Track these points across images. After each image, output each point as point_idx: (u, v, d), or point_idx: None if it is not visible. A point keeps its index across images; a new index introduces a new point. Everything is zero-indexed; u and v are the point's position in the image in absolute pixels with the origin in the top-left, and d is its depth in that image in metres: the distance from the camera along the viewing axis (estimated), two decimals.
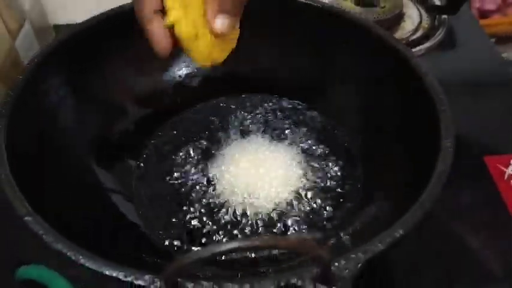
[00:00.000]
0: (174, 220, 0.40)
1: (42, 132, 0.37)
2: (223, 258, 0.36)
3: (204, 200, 0.41)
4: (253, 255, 0.36)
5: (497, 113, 0.54)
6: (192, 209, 0.40)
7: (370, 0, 0.65)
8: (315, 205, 0.40)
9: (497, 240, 0.42)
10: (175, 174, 0.43)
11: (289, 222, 0.39)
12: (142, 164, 0.44)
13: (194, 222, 0.39)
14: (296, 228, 0.39)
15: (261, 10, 0.46)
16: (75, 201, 0.35)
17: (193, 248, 0.37)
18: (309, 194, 0.41)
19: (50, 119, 0.38)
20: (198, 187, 0.42)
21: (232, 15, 0.32)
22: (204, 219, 0.39)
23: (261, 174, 0.42)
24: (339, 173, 0.43)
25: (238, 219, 0.39)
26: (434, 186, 0.30)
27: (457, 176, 0.47)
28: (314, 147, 0.45)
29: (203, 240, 0.38)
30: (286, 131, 0.46)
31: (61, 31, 0.63)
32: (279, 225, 0.39)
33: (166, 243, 0.38)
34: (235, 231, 0.39)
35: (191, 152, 0.44)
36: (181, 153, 0.44)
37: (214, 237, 0.38)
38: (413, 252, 0.40)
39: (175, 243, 0.38)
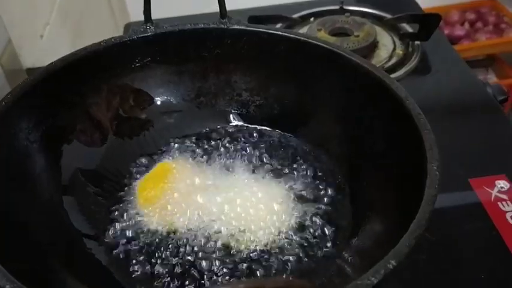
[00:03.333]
0: (157, 262, 0.38)
1: (12, 179, 0.35)
2: None
3: (189, 238, 0.39)
4: None
5: (476, 135, 0.54)
6: (177, 247, 0.38)
7: (344, 30, 0.66)
8: (307, 238, 0.39)
9: (490, 263, 0.41)
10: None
11: (284, 257, 0.38)
12: (120, 205, 0.42)
13: (178, 260, 0.38)
14: (291, 262, 0.37)
15: (239, 44, 0.46)
16: (45, 249, 0.33)
17: None
18: (298, 227, 0.40)
19: (20, 163, 0.37)
20: (182, 224, 0.40)
21: None
22: (189, 257, 0.38)
23: (249, 209, 0.41)
24: (328, 202, 0.42)
25: (228, 254, 0.38)
26: (423, 212, 0.29)
27: (443, 199, 0.47)
28: (301, 177, 0.44)
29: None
30: (271, 162, 0.45)
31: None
32: (273, 260, 0.37)
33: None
34: (225, 270, 0.37)
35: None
36: None
37: (200, 278, 0.36)
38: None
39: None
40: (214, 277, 0.37)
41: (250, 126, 0.48)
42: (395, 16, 0.68)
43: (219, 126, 0.48)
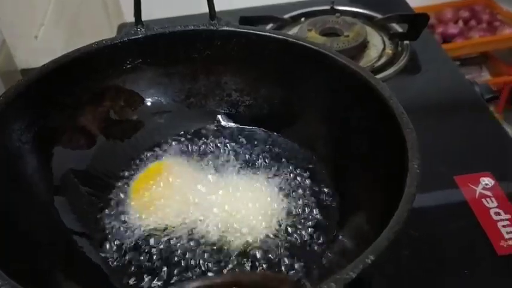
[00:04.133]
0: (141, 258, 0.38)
1: (3, 179, 0.36)
2: None
3: (180, 236, 0.40)
4: None
5: (463, 133, 0.55)
6: (169, 245, 0.39)
7: (334, 30, 0.67)
8: (294, 234, 0.40)
9: (474, 259, 0.42)
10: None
11: (272, 253, 0.38)
12: (112, 205, 0.42)
13: (170, 258, 0.38)
14: (279, 258, 0.38)
15: (229, 45, 0.47)
16: (36, 249, 0.33)
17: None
18: (286, 225, 0.40)
19: (12, 164, 0.37)
20: (174, 223, 0.41)
21: None
22: (181, 255, 0.38)
23: (239, 207, 0.42)
24: (315, 202, 0.42)
25: (219, 251, 0.39)
26: (402, 209, 0.30)
27: (429, 196, 0.48)
28: (289, 177, 0.45)
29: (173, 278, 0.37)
30: (259, 162, 0.46)
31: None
32: (262, 256, 0.38)
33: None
34: (216, 267, 0.38)
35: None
36: None
37: (185, 275, 0.37)
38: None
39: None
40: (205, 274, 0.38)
41: (239, 126, 0.49)
42: (385, 16, 0.69)
43: (209, 126, 0.49)
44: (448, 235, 0.44)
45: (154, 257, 0.38)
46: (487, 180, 0.48)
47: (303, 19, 0.72)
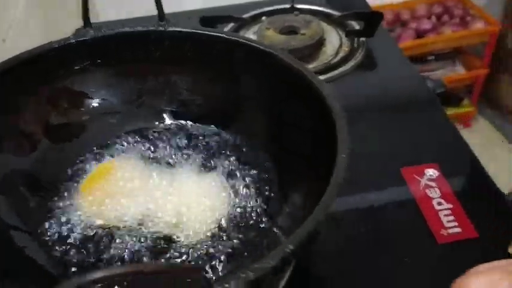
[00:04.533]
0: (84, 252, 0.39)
1: None
2: None
3: (129, 234, 0.41)
4: None
5: (415, 127, 0.56)
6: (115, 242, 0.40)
7: (292, 28, 0.68)
8: (240, 226, 0.41)
9: (415, 247, 0.44)
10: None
11: (220, 244, 0.40)
12: (61, 206, 0.43)
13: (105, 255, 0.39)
14: (227, 248, 0.39)
15: (177, 46, 0.48)
16: None
17: None
18: (235, 217, 0.42)
19: None
20: (122, 220, 0.42)
21: None
22: (129, 252, 0.39)
23: (188, 202, 0.43)
24: (259, 195, 0.44)
25: (162, 251, 0.39)
26: (325, 201, 0.31)
27: (376, 188, 0.49)
28: (238, 172, 0.46)
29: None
30: (208, 158, 0.47)
31: None
32: (206, 250, 0.39)
33: None
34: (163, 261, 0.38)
35: None
36: None
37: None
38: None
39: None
40: None
41: (189, 124, 0.50)
42: (342, 14, 0.70)
43: (159, 125, 0.50)
44: (391, 224, 0.45)
45: (103, 254, 0.39)
46: (431, 172, 0.49)
47: (263, 18, 0.73)
